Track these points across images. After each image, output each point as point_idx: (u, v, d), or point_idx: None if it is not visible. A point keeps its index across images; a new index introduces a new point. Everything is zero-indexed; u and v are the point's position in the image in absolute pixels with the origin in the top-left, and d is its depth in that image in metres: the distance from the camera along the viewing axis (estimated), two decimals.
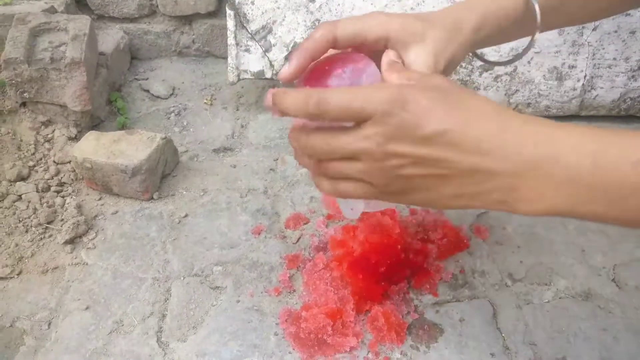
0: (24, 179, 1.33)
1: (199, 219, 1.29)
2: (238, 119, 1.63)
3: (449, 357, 1.00)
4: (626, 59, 1.49)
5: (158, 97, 1.73)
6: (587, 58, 1.50)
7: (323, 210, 1.29)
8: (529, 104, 1.57)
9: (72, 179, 1.37)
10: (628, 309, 1.08)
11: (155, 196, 1.34)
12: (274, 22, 1.51)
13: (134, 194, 1.32)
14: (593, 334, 1.04)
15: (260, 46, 1.53)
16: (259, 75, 1.58)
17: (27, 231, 1.23)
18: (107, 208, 1.32)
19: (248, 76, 1.58)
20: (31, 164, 1.37)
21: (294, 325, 1.03)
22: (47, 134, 1.43)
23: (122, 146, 1.30)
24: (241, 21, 1.51)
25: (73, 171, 1.37)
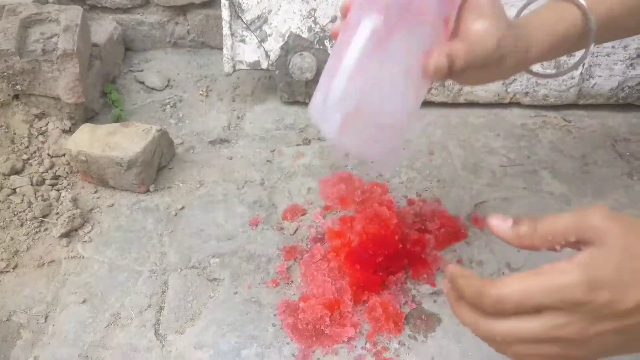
0: (18, 172, 1.32)
1: (196, 211, 1.28)
2: (234, 110, 1.62)
3: (447, 347, 1.00)
4: (625, 47, 1.48)
5: (153, 88, 1.71)
6: None
7: (320, 201, 1.29)
8: (526, 93, 1.56)
9: (67, 172, 1.36)
10: None
11: (152, 188, 1.33)
12: (269, 11, 1.49)
13: (130, 186, 1.31)
14: None
15: (256, 36, 1.52)
16: (255, 66, 1.56)
17: (22, 225, 1.23)
18: (102, 201, 1.31)
19: (244, 67, 1.56)
20: (25, 157, 1.36)
21: (292, 316, 1.03)
22: (40, 127, 1.42)
23: (117, 139, 1.29)
24: (236, 11, 1.49)
25: (68, 164, 1.36)
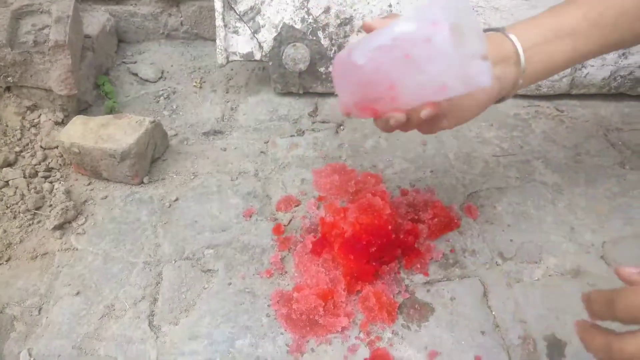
0: (10, 164, 1.32)
1: (190, 203, 1.28)
2: (228, 101, 1.62)
3: (440, 336, 1.01)
4: None
5: (147, 80, 1.70)
6: None
7: (314, 192, 1.29)
8: None
9: (60, 164, 1.35)
10: (617, 285, 1.09)
11: (146, 180, 1.33)
12: (262, 2, 1.48)
13: (123, 178, 1.30)
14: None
15: (249, 27, 1.51)
16: (248, 57, 1.56)
17: (15, 217, 1.22)
18: (96, 193, 1.31)
19: (237, 58, 1.56)
20: (17, 149, 1.35)
21: (286, 307, 1.04)
22: (33, 119, 1.41)
23: (110, 130, 1.28)
24: (229, 2, 1.48)
25: (61, 156, 1.36)
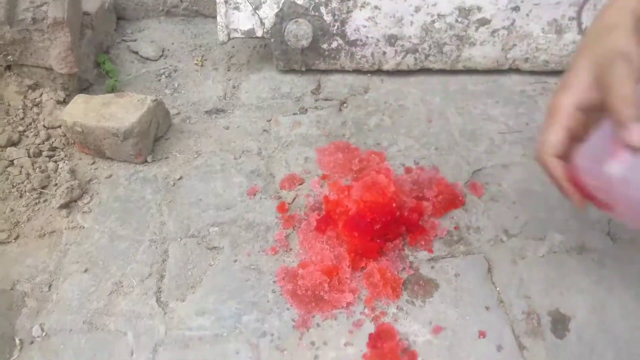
0: (14, 144, 1.31)
1: (194, 181, 1.28)
2: (229, 79, 1.61)
3: (444, 311, 1.02)
4: None
5: (147, 58, 1.69)
6: (588, 9, 1.46)
7: (318, 170, 1.29)
8: (526, 59, 1.55)
9: (63, 144, 1.35)
10: (622, 261, 1.10)
11: (149, 159, 1.33)
12: None
13: (127, 157, 1.30)
14: (586, 286, 1.05)
15: (250, 3, 1.49)
16: (250, 34, 1.54)
17: (21, 196, 1.23)
18: (100, 172, 1.31)
19: (238, 35, 1.54)
20: (21, 129, 1.35)
21: (291, 283, 1.05)
22: (34, 98, 1.40)
23: (112, 109, 1.28)
24: None
25: (64, 135, 1.35)
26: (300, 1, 1.47)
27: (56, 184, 1.25)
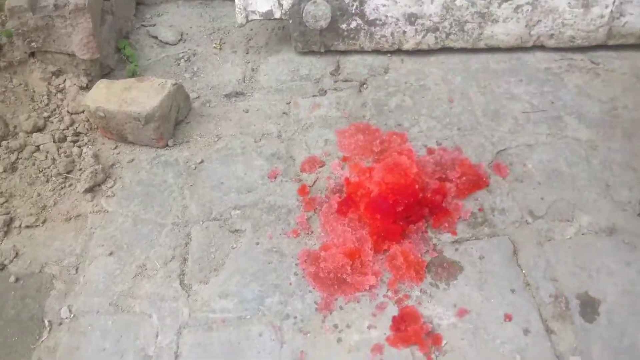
0: (40, 130, 1.33)
1: (215, 165, 1.28)
2: (248, 62, 1.60)
3: (468, 294, 1.01)
4: None
5: (167, 43, 1.69)
6: None
7: (338, 152, 1.28)
8: (551, 35, 1.50)
9: (87, 129, 1.37)
10: None
11: (170, 143, 1.34)
12: None
13: (148, 141, 1.31)
14: (617, 268, 1.03)
15: None
16: (268, 16, 1.52)
17: (47, 181, 1.25)
18: (123, 156, 1.32)
19: (256, 17, 1.52)
20: (46, 114, 1.36)
21: (314, 265, 1.04)
22: (58, 84, 1.42)
23: (133, 94, 1.28)
24: None
25: (87, 121, 1.37)
26: None
27: (80, 169, 1.27)
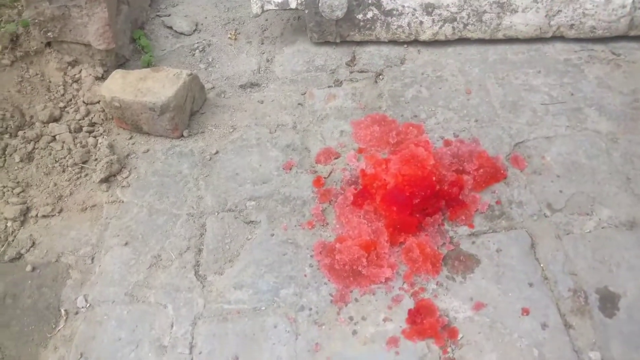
0: (56, 120, 1.34)
1: (230, 155, 1.28)
2: (263, 53, 1.59)
3: (485, 287, 1.00)
4: None
5: (181, 33, 1.68)
6: None
7: (354, 144, 1.27)
8: (572, 26, 1.47)
9: (102, 119, 1.37)
10: None
11: (185, 133, 1.33)
12: None
13: (163, 131, 1.31)
14: (637, 263, 1.01)
15: None
16: (283, 6, 1.51)
17: (64, 171, 1.25)
18: (138, 147, 1.32)
19: (272, 7, 1.51)
20: (62, 105, 1.37)
21: (329, 257, 1.04)
22: (74, 74, 1.42)
23: (148, 84, 1.28)
24: None
25: (102, 111, 1.37)
26: None
27: (96, 159, 1.27)
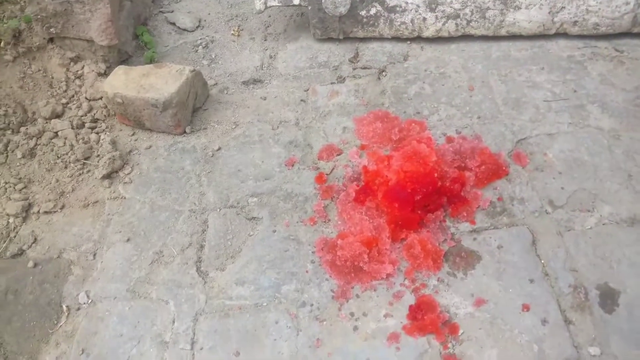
0: (58, 116, 1.34)
1: (232, 152, 1.28)
2: (266, 49, 1.59)
3: (487, 284, 1.00)
4: None
5: (184, 30, 1.68)
6: None
7: (356, 140, 1.27)
8: (575, 22, 1.46)
9: (104, 115, 1.37)
10: None
11: (188, 130, 1.34)
12: None
13: (166, 128, 1.31)
14: (638, 259, 1.01)
15: None
16: (287, 2, 1.51)
17: (66, 167, 1.26)
18: (140, 143, 1.32)
19: (275, 3, 1.51)
20: (64, 101, 1.37)
21: (330, 253, 1.04)
22: (77, 70, 1.42)
23: (151, 80, 1.28)
24: None
25: (105, 107, 1.37)
26: None
27: (98, 155, 1.28)
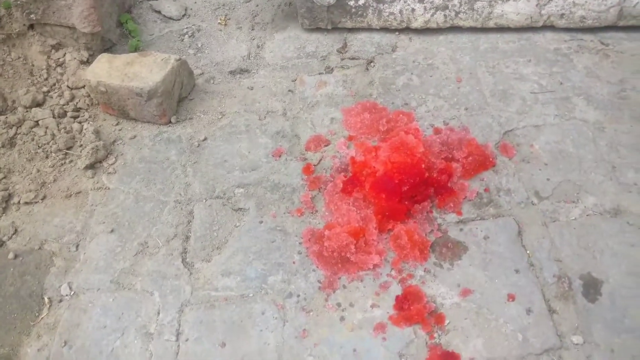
0: (39, 104, 1.31)
1: (219, 142, 1.27)
2: (254, 39, 1.57)
3: (473, 274, 1.00)
4: None
5: (170, 18, 1.66)
6: None
7: (344, 131, 1.26)
8: (562, 15, 1.47)
9: (87, 104, 1.35)
10: None
11: (173, 120, 1.32)
12: None
13: (151, 118, 1.29)
14: (621, 250, 1.02)
15: None
16: None
17: (47, 157, 1.23)
18: (125, 133, 1.30)
19: None
20: (45, 89, 1.34)
21: (317, 244, 1.04)
22: (58, 58, 1.39)
23: (136, 68, 1.26)
24: None
25: (88, 96, 1.35)
26: None
27: (81, 145, 1.25)
